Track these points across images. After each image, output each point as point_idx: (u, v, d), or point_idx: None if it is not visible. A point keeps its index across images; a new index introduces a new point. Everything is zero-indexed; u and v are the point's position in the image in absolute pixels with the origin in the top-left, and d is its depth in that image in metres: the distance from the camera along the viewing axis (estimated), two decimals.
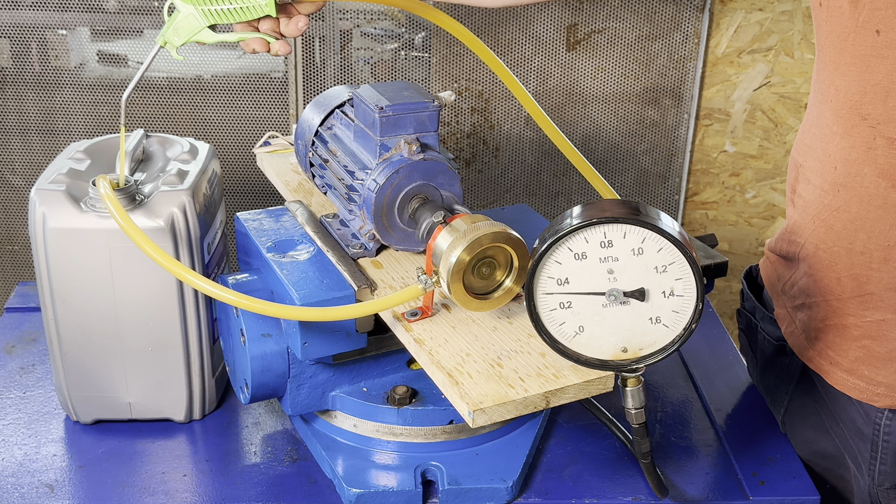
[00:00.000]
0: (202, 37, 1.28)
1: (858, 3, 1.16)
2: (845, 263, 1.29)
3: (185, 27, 1.27)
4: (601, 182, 1.51)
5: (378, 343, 1.33)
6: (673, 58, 2.45)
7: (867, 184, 1.23)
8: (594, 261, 1.02)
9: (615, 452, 1.41)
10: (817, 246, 1.32)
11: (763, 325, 1.49)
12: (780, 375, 1.47)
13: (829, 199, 1.28)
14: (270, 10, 1.26)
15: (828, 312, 1.33)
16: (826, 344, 1.35)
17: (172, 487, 1.33)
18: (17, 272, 2.55)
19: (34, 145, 2.41)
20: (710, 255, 1.44)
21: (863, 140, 1.22)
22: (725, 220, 2.66)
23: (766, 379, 1.52)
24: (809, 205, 1.32)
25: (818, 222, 1.31)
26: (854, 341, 1.31)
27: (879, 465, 1.34)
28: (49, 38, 2.30)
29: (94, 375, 1.41)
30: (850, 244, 1.27)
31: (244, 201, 2.46)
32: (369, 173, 1.25)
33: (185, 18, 1.26)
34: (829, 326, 1.34)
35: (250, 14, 1.26)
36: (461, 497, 1.29)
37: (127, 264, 1.33)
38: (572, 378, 1.08)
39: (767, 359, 1.50)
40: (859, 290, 1.29)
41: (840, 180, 1.26)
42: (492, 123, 2.49)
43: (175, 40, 1.28)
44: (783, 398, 1.47)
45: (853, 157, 1.23)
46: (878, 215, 1.23)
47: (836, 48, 1.22)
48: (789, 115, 2.51)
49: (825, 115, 1.27)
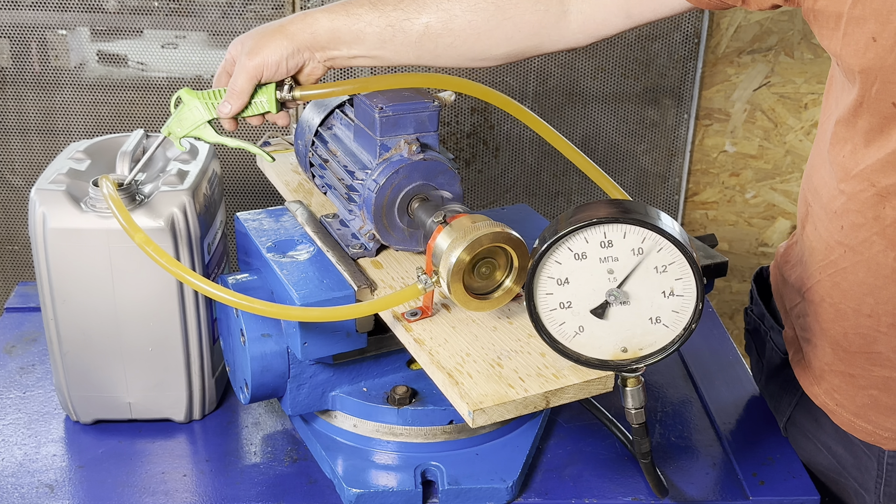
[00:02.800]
0: (203, 133, 1.30)
1: (870, 74, 1.10)
2: (852, 323, 1.24)
3: (188, 119, 1.29)
4: (613, 186, 1.47)
5: (378, 343, 1.33)
6: (673, 58, 2.45)
7: (875, 252, 1.17)
8: (594, 261, 1.02)
9: (615, 452, 1.41)
10: (823, 298, 1.27)
11: (772, 335, 1.46)
12: (785, 387, 1.44)
13: (836, 257, 1.22)
14: (271, 107, 1.28)
15: (834, 360, 1.29)
16: (832, 386, 1.31)
17: (172, 487, 1.33)
18: (17, 272, 2.55)
19: (34, 145, 2.41)
20: (710, 255, 1.44)
21: (871, 207, 1.16)
22: (725, 220, 2.66)
23: (771, 387, 1.50)
24: (816, 253, 1.27)
25: (824, 276, 1.25)
26: (861, 390, 1.27)
27: (885, 487, 1.32)
28: (49, 38, 2.30)
29: (94, 375, 1.41)
30: (857, 305, 1.22)
31: (244, 201, 2.46)
32: (369, 173, 1.25)
33: (189, 111, 1.29)
34: (836, 372, 1.30)
35: (253, 110, 1.28)
36: (461, 497, 1.29)
37: (127, 264, 1.33)
38: (572, 378, 1.08)
39: (773, 368, 1.47)
40: (867, 348, 1.24)
41: (847, 242, 1.20)
42: (492, 123, 2.49)
43: (178, 131, 1.30)
44: (786, 409, 1.45)
45: (860, 223, 1.18)
46: (885, 283, 1.18)
47: (851, 110, 1.16)
48: (789, 115, 2.51)
49: (834, 167, 1.21)
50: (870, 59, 1.09)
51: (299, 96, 1.28)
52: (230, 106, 1.27)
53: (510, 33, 1.27)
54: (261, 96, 1.27)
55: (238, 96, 1.26)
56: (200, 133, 1.30)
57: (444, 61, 1.30)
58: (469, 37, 1.27)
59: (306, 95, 1.28)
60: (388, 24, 1.25)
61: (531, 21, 1.26)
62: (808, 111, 2.51)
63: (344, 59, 1.28)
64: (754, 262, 2.71)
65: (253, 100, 1.27)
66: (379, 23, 1.25)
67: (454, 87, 1.31)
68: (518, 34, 1.27)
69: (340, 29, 1.26)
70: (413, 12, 1.25)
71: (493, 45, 1.28)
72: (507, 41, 1.28)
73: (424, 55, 1.28)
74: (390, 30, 1.25)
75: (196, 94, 1.29)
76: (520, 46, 1.29)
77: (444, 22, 1.25)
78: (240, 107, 1.27)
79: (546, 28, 1.27)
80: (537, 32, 1.27)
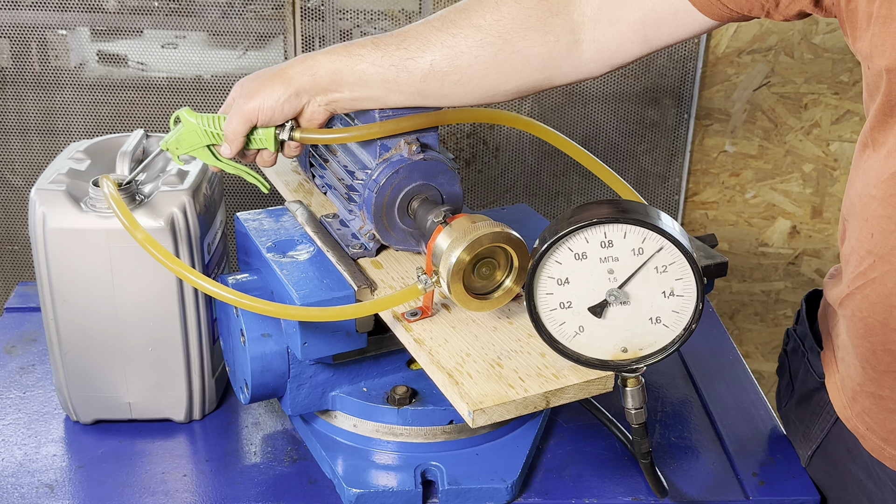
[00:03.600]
0: (201, 154, 1.30)
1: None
2: (880, 338, 1.20)
3: (187, 140, 1.29)
4: (625, 187, 1.46)
5: (378, 343, 1.33)
6: (673, 58, 2.45)
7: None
8: (594, 261, 1.02)
9: (615, 452, 1.41)
10: (853, 312, 1.24)
11: (810, 357, 1.42)
12: (817, 412, 1.39)
13: (865, 267, 1.19)
14: (268, 145, 1.27)
15: (864, 380, 1.26)
16: (864, 408, 1.28)
17: (172, 487, 1.33)
18: (17, 272, 2.55)
19: (34, 145, 2.40)
20: (710, 255, 1.44)
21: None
22: (725, 220, 2.66)
23: (800, 411, 1.44)
24: (848, 265, 1.24)
25: (854, 288, 1.22)
26: (891, 413, 1.24)
27: None
28: (49, 38, 2.30)
29: (94, 375, 1.41)
30: (885, 319, 1.19)
31: (244, 201, 2.46)
32: (369, 173, 1.25)
33: (188, 133, 1.28)
34: (866, 393, 1.27)
35: (254, 145, 1.28)
36: (461, 497, 1.29)
37: (127, 264, 1.33)
38: (572, 378, 1.08)
39: (806, 392, 1.42)
40: (894, 367, 1.21)
41: (876, 251, 1.17)
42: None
43: (176, 150, 1.30)
44: (816, 435, 1.39)
45: (890, 229, 1.14)
46: None
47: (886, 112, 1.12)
48: (789, 116, 2.51)
49: (870, 174, 1.17)
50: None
51: (299, 137, 1.26)
52: (229, 149, 1.27)
53: (519, 67, 1.23)
54: (260, 132, 1.26)
55: (233, 139, 1.26)
56: (198, 155, 1.30)
57: (450, 100, 1.26)
58: (476, 73, 1.22)
59: (306, 138, 1.27)
60: (391, 64, 1.22)
61: (541, 53, 1.22)
62: (808, 111, 2.51)
63: (347, 101, 1.25)
64: (754, 262, 2.71)
65: (253, 135, 1.26)
66: (382, 63, 1.22)
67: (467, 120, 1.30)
68: (527, 67, 1.23)
69: (342, 70, 1.23)
70: (417, 51, 1.21)
71: (502, 79, 1.24)
72: (516, 75, 1.23)
73: (430, 95, 1.24)
74: (394, 70, 1.22)
75: (196, 117, 1.27)
76: (530, 80, 1.25)
77: (450, 59, 1.21)
78: (237, 148, 1.26)
79: (557, 59, 1.23)
80: (548, 64, 1.23)
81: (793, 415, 1.46)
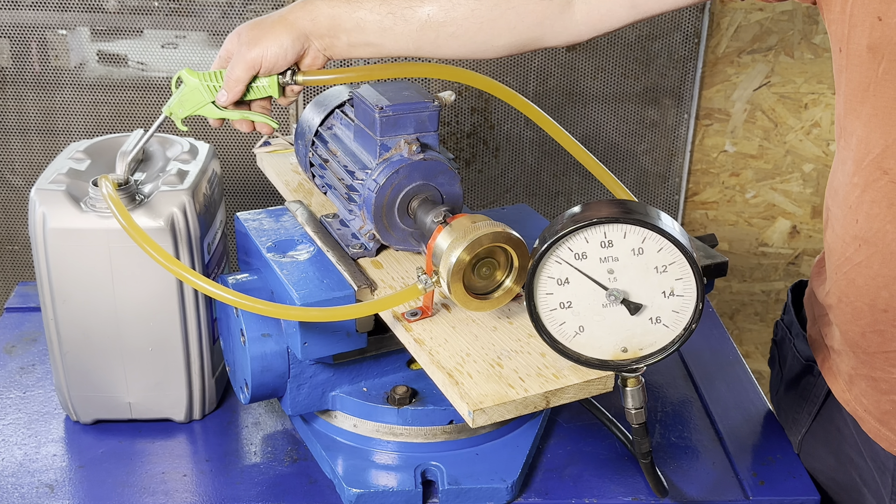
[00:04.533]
0: (205, 111, 1.32)
1: (876, 53, 1.09)
2: (868, 319, 1.23)
3: (190, 100, 1.31)
4: (618, 184, 1.47)
5: (378, 343, 1.33)
6: (673, 58, 2.45)
7: (889, 241, 1.16)
8: (594, 261, 1.02)
9: (615, 452, 1.41)
10: (840, 299, 1.26)
11: (797, 342, 1.45)
12: (804, 395, 1.42)
13: (851, 252, 1.22)
14: (273, 92, 1.29)
15: (857, 363, 1.28)
16: (861, 391, 1.30)
17: (172, 487, 1.33)
18: (17, 272, 2.55)
19: (34, 145, 2.41)
20: (710, 255, 1.44)
21: (884, 195, 1.15)
22: (725, 220, 2.66)
23: (789, 397, 1.47)
24: (833, 254, 1.26)
25: (840, 274, 1.25)
26: (883, 394, 1.26)
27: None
28: (49, 38, 2.30)
29: (94, 375, 1.41)
30: (872, 301, 1.21)
31: (244, 201, 2.46)
32: (369, 173, 1.25)
33: (191, 92, 1.30)
34: (860, 376, 1.29)
35: (253, 94, 1.29)
36: (461, 497, 1.29)
37: (127, 264, 1.33)
38: (572, 378, 1.08)
39: (793, 377, 1.45)
40: (884, 347, 1.23)
41: (861, 235, 1.19)
42: (492, 123, 2.49)
43: (180, 112, 1.32)
44: (804, 419, 1.42)
45: (874, 213, 1.16)
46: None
47: (857, 97, 1.15)
48: (789, 115, 2.51)
49: (847, 164, 1.20)
50: (876, 38, 1.09)
51: (302, 80, 1.29)
52: (227, 95, 1.28)
53: (513, 23, 1.26)
54: (262, 80, 1.28)
55: (234, 85, 1.27)
56: (203, 112, 1.31)
57: (444, 52, 1.29)
58: (471, 26, 1.26)
59: (309, 80, 1.29)
60: (388, 12, 1.25)
61: (535, 11, 1.26)
62: (808, 111, 2.51)
63: (344, 47, 1.28)
64: (754, 262, 2.71)
65: (254, 84, 1.28)
66: (380, 10, 1.25)
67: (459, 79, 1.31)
68: (521, 24, 1.27)
69: (341, 16, 1.26)
70: (415, 1, 1.25)
71: (496, 35, 1.27)
72: (509, 31, 1.27)
73: (425, 45, 1.28)
74: (391, 18, 1.25)
75: (197, 75, 1.30)
76: (522, 38, 1.28)
77: (447, 11, 1.25)
78: (236, 96, 1.28)
79: (549, 19, 1.26)
80: (540, 23, 1.27)
81: (783, 402, 1.49)
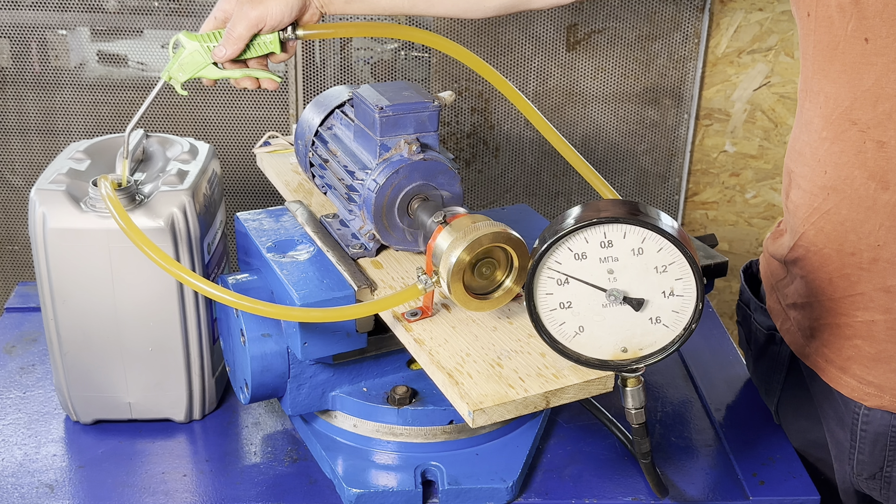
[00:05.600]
0: (206, 73, 1.32)
1: (845, 12, 1.18)
2: (836, 265, 1.31)
3: (190, 63, 1.30)
4: (603, 183, 1.49)
5: (378, 343, 1.33)
6: (673, 58, 2.45)
7: (857, 186, 1.25)
8: (594, 261, 1.02)
9: (615, 452, 1.41)
10: (808, 248, 1.34)
11: (756, 316, 1.51)
12: (772, 365, 1.49)
13: (819, 202, 1.30)
14: (275, 48, 1.30)
15: (821, 312, 1.35)
16: (822, 342, 1.37)
17: (172, 487, 1.33)
18: (17, 272, 2.55)
19: (34, 145, 2.41)
20: (710, 255, 1.44)
21: (853, 144, 1.24)
22: (725, 220, 2.66)
23: (760, 369, 1.54)
24: (800, 209, 1.34)
25: (808, 225, 1.33)
26: (846, 340, 1.33)
27: (858, 455, 1.35)
28: (49, 38, 2.30)
29: (94, 375, 1.41)
30: (840, 245, 1.29)
31: (244, 201, 2.46)
32: (369, 173, 1.25)
33: (190, 55, 1.30)
34: (824, 325, 1.36)
35: (255, 51, 1.30)
36: (461, 497, 1.29)
37: (127, 264, 1.33)
38: (572, 378, 1.08)
39: (760, 348, 1.52)
40: (850, 290, 1.30)
41: (830, 184, 1.28)
42: (492, 123, 2.49)
43: (180, 76, 1.31)
44: (776, 388, 1.49)
45: (843, 161, 1.25)
46: (867, 216, 1.25)
47: (825, 57, 1.24)
48: (789, 115, 2.51)
49: (814, 122, 1.29)
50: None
51: (302, 35, 1.31)
52: (225, 50, 1.29)
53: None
54: (264, 37, 1.28)
55: (235, 42, 1.28)
56: (203, 74, 1.31)
57: (437, 10, 1.35)
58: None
59: (309, 34, 1.32)
60: None
61: None
62: None
63: (340, 4, 1.32)
64: None
65: (255, 41, 1.29)
66: None
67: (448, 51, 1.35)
68: None
69: None
70: None
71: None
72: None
73: (419, 3, 1.33)
74: None
75: (196, 37, 1.30)
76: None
77: None
78: (234, 52, 1.29)
79: None
80: None
81: (756, 376, 1.56)
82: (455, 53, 1.35)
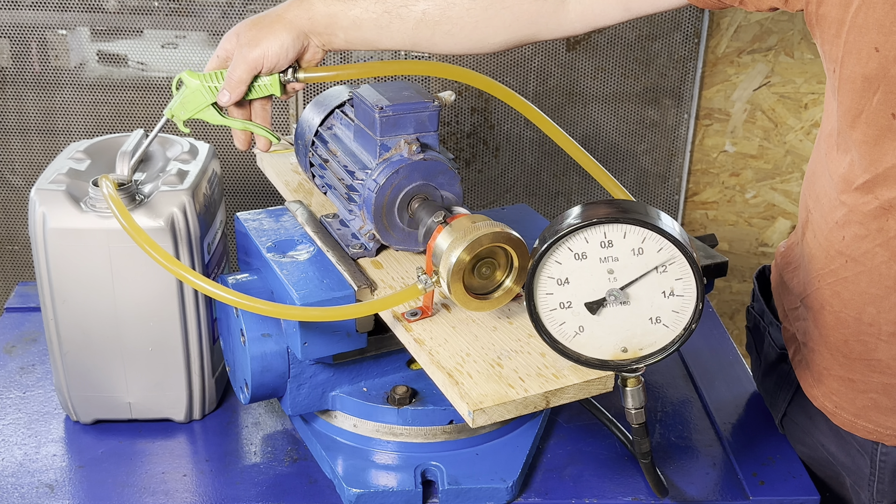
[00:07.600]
0: (206, 115, 1.33)
1: (872, 83, 1.09)
2: (853, 330, 1.24)
3: (192, 102, 1.32)
4: (615, 184, 1.47)
5: (378, 343, 1.33)
6: (673, 58, 2.45)
7: (878, 264, 1.17)
8: (594, 261, 1.02)
9: (615, 452, 1.41)
10: (823, 306, 1.27)
11: (771, 331, 1.47)
12: (780, 383, 1.45)
13: (836, 266, 1.22)
14: (275, 90, 1.31)
15: (833, 364, 1.29)
16: (831, 390, 1.31)
17: (172, 487, 1.33)
18: (17, 272, 2.55)
19: (34, 145, 2.41)
20: (710, 255, 1.44)
21: (874, 219, 1.16)
22: (725, 220, 2.66)
23: (767, 383, 1.51)
24: (816, 260, 1.26)
25: (824, 284, 1.25)
26: (861, 393, 1.28)
27: (878, 484, 1.32)
28: (49, 38, 2.30)
29: (94, 375, 1.41)
30: (858, 314, 1.22)
31: (244, 201, 2.46)
32: (369, 173, 1.25)
33: (192, 93, 1.31)
34: (835, 377, 1.30)
35: (255, 94, 1.30)
36: (461, 497, 1.29)
37: (127, 264, 1.33)
38: (572, 378, 1.08)
39: (770, 364, 1.48)
40: (867, 356, 1.24)
41: (848, 252, 1.20)
42: (492, 123, 2.49)
43: (181, 114, 1.33)
44: (781, 405, 1.46)
45: (863, 234, 1.18)
46: (888, 293, 1.18)
47: (848, 121, 1.15)
48: (789, 115, 2.51)
49: (834, 178, 1.20)
50: (873, 69, 1.08)
51: (303, 78, 1.30)
52: (228, 95, 1.29)
53: (508, 22, 1.27)
54: (264, 79, 1.29)
55: (236, 86, 1.28)
56: (204, 115, 1.32)
57: (440, 49, 1.31)
58: (466, 25, 1.27)
59: (310, 77, 1.30)
60: (384, 11, 1.26)
61: (529, 10, 1.27)
62: (808, 111, 2.51)
63: (341, 43, 1.30)
64: (754, 262, 2.71)
65: (256, 83, 1.29)
66: (376, 9, 1.26)
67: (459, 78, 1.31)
68: (516, 23, 1.28)
69: (337, 14, 1.27)
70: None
71: (491, 33, 1.28)
72: (504, 30, 1.28)
73: (421, 42, 1.29)
74: (387, 16, 1.26)
75: (198, 77, 1.30)
76: (517, 35, 1.29)
77: (442, 10, 1.26)
78: (238, 96, 1.29)
79: (544, 17, 1.27)
80: (535, 21, 1.28)
81: (763, 386, 1.53)
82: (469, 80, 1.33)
